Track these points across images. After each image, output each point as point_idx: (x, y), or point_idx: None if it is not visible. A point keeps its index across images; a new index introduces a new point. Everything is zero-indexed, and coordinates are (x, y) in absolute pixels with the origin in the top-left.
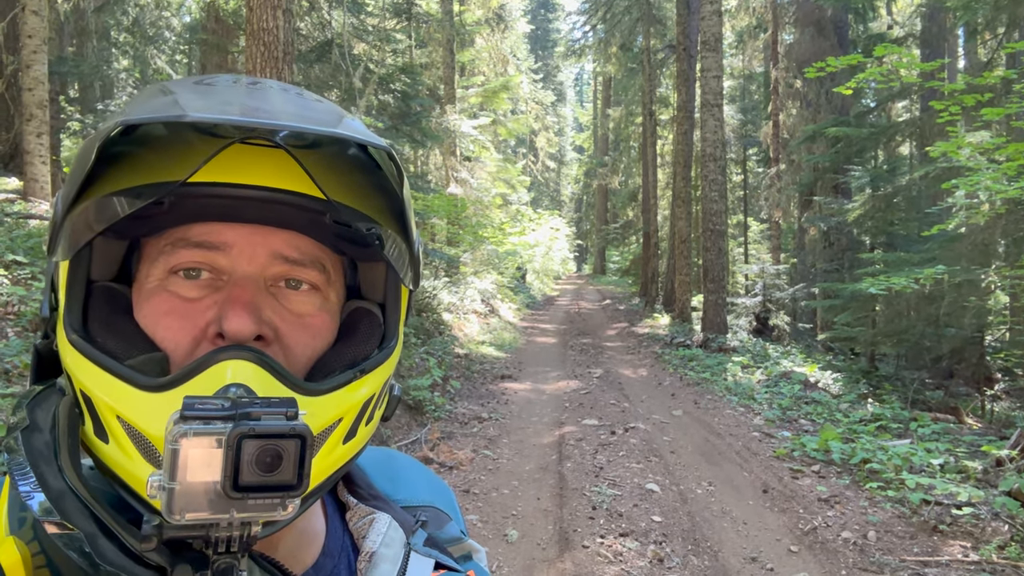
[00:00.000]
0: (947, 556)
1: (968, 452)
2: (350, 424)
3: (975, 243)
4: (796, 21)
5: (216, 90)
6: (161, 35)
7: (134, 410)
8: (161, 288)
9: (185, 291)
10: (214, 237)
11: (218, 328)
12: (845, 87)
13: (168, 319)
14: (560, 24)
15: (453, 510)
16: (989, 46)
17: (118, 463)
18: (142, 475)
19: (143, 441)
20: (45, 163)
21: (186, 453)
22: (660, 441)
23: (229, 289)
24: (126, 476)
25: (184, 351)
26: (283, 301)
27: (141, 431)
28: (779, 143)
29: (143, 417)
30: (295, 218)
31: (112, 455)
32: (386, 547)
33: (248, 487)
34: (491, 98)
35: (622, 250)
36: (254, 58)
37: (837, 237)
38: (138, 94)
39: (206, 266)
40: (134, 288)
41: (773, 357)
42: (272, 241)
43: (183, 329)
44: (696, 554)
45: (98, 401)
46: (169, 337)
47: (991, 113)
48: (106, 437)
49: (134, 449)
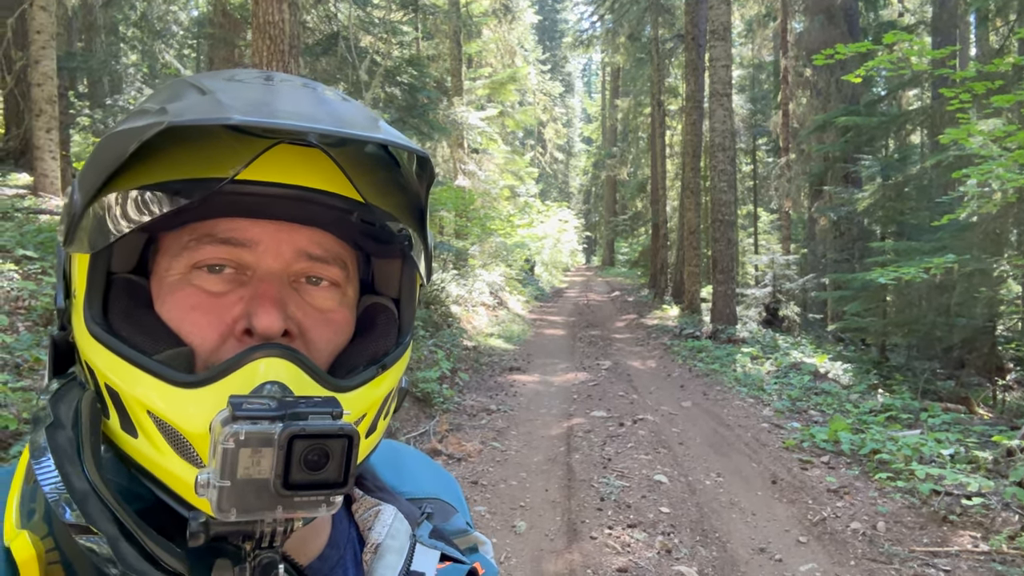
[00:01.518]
0: (957, 547)
1: (978, 442)
2: (372, 419)
3: (987, 232)
4: (806, 9)
5: (250, 88)
6: (169, 29)
7: (169, 407)
8: (185, 282)
9: (210, 286)
10: (241, 234)
11: (246, 324)
12: (854, 75)
13: (195, 314)
14: (568, 14)
15: (459, 502)
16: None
17: (149, 458)
18: (175, 470)
19: (177, 437)
20: (55, 158)
21: (237, 452)
22: (669, 432)
23: (255, 285)
24: (157, 471)
25: (211, 346)
26: (306, 297)
27: (176, 427)
28: (789, 132)
29: (179, 414)
30: (322, 216)
31: (142, 450)
32: (392, 539)
33: (296, 485)
34: (498, 89)
35: (631, 241)
36: (260, 52)
37: (848, 227)
38: (167, 88)
39: (232, 262)
40: (153, 281)
41: (783, 348)
42: (297, 238)
43: (210, 324)
44: (704, 545)
45: (126, 396)
46: (196, 332)
47: (1001, 100)
48: (135, 432)
49: (166, 444)
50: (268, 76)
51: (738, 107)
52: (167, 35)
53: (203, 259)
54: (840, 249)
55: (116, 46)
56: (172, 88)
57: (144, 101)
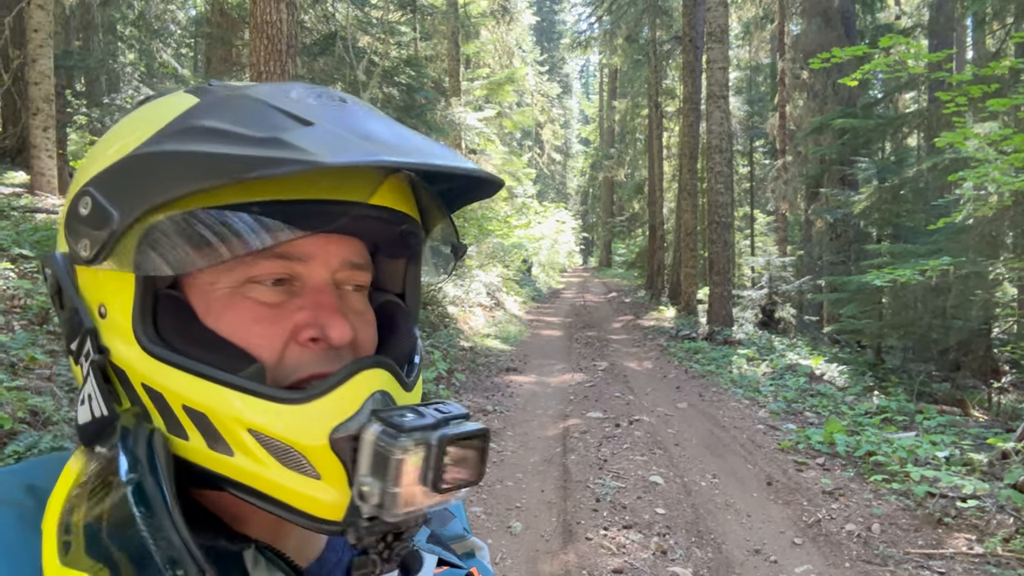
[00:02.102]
0: (952, 549)
1: (974, 445)
2: None
3: (982, 235)
4: (803, 12)
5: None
6: (166, 28)
7: (276, 423)
8: (240, 296)
9: (267, 297)
10: (297, 249)
11: (314, 333)
12: (851, 78)
13: (260, 327)
14: (566, 16)
15: (456, 508)
16: (997, 36)
17: (251, 473)
18: (286, 482)
19: (286, 451)
20: (52, 157)
21: (406, 461)
22: (665, 433)
23: (312, 296)
24: (262, 484)
25: (276, 357)
26: (347, 302)
27: (288, 442)
28: (786, 135)
29: (291, 429)
30: (369, 229)
31: (242, 466)
32: None
33: (447, 485)
34: (496, 90)
35: (628, 243)
36: (258, 51)
37: (844, 229)
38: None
39: (286, 276)
40: (193, 293)
41: (779, 350)
42: (344, 250)
43: (274, 336)
44: (700, 546)
45: (219, 416)
46: (263, 345)
47: (997, 104)
48: (230, 450)
49: (271, 459)
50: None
51: (735, 109)
52: (165, 34)
53: (260, 274)
54: (836, 251)
55: (114, 45)
56: (257, 112)
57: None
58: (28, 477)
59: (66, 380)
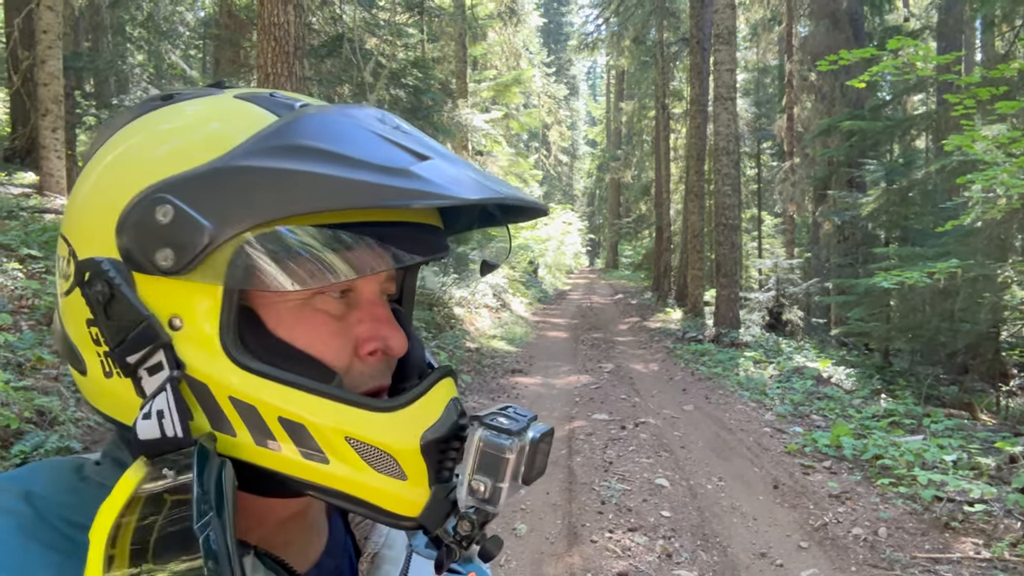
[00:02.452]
0: (959, 553)
1: (981, 448)
2: None
3: (991, 237)
4: (811, 14)
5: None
6: (175, 30)
7: (371, 431)
8: (311, 308)
9: (333, 309)
10: (362, 264)
11: (377, 346)
12: (859, 80)
13: (333, 339)
14: (573, 17)
15: None
16: (1007, 38)
17: (347, 479)
18: (379, 485)
19: (379, 456)
20: (60, 158)
21: (511, 459)
22: (670, 436)
23: (368, 308)
24: (357, 489)
25: (345, 368)
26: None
27: (383, 447)
28: (793, 136)
29: (385, 435)
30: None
31: (339, 474)
32: (388, 548)
33: (533, 476)
34: (503, 92)
35: (635, 244)
36: (265, 53)
37: (852, 231)
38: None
39: (349, 289)
40: (261, 304)
41: (786, 352)
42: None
43: (343, 348)
44: (705, 549)
45: (317, 426)
46: (337, 356)
47: (1005, 107)
48: (326, 459)
49: (366, 464)
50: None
51: (742, 111)
52: (173, 35)
53: (327, 287)
54: (844, 253)
55: (122, 46)
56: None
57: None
58: (27, 484)
59: (72, 381)
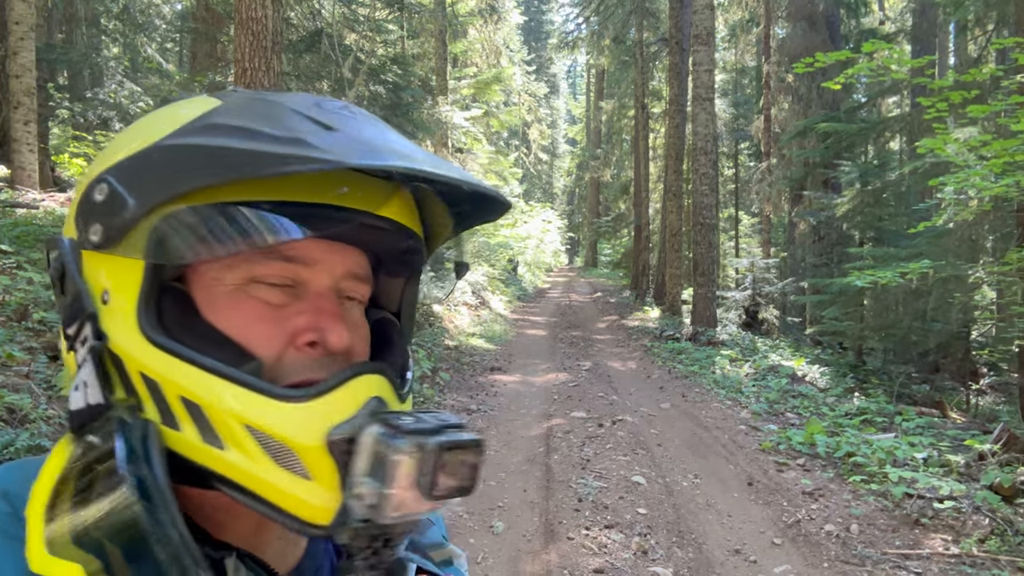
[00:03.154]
0: (928, 549)
1: (951, 446)
2: None
3: (962, 239)
4: (788, 16)
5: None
6: (151, 23)
7: (272, 419)
8: (245, 294)
9: (270, 298)
10: (305, 253)
11: (312, 337)
12: (834, 82)
13: (260, 325)
14: (553, 16)
15: (435, 515)
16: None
17: (242, 470)
18: (277, 481)
19: (279, 449)
20: (32, 151)
21: (402, 464)
22: (647, 434)
23: (314, 301)
24: (252, 482)
25: (275, 357)
26: (345, 312)
27: (283, 440)
28: (770, 137)
29: (285, 427)
30: (375, 241)
31: (233, 462)
32: None
33: (442, 492)
34: (484, 89)
35: (614, 243)
36: (243, 47)
37: (827, 231)
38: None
39: (290, 279)
40: (197, 288)
41: (761, 351)
42: (347, 260)
43: (274, 336)
44: (680, 546)
45: (213, 409)
46: (263, 344)
47: (976, 111)
48: (220, 444)
49: (265, 456)
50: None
51: (721, 111)
52: (149, 28)
53: (265, 275)
54: (819, 253)
55: (97, 38)
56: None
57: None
58: (2, 484)
59: (44, 377)
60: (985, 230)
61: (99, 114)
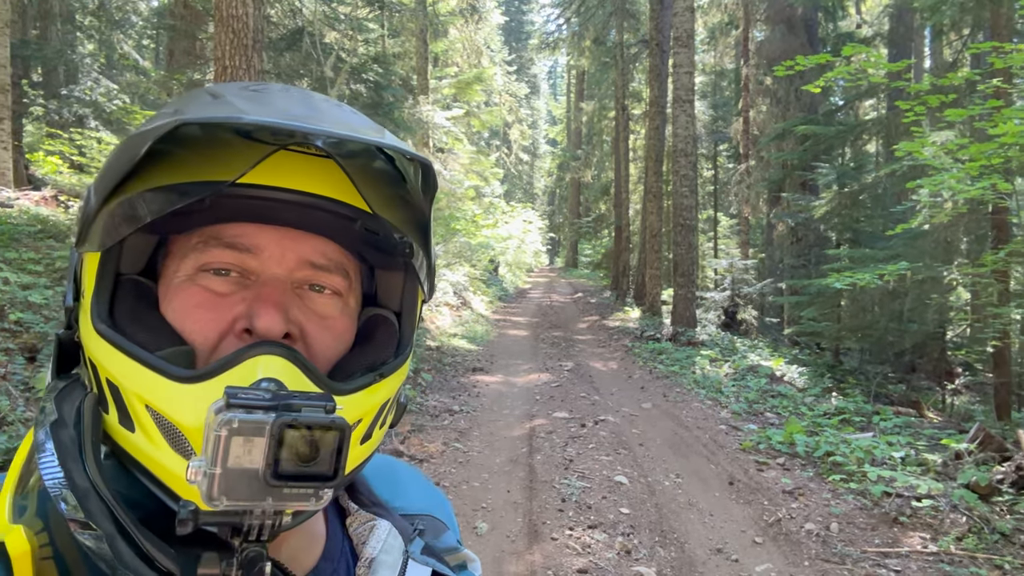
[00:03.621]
0: (907, 547)
1: (928, 445)
2: (367, 426)
3: (938, 241)
4: (767, 19)
5: (265, 97)
6: (128, 19)
7: (165, 400)
8: (190, 282)
9: (215, 286)
10: (247, 240)
11: (246, 324)
12: (813, 85)
13: (197, 311)
14: (534, 16)
15: (450, 520)
16: (954, 47)
17: (144, 452)
18: (169, 464)
19: (172, 431)
20: (7, 149)
21: (230, 440)
22: (629, 434)
23: (258, 288)
24: (151, 464)
25: (211, 344)
26: (308, 303)
27: (172, 421)
28: (749, 139)
29: (175, 407)
30: (327, 224)
31: (138, 444)
32: (385, 554)
33: (287, 476)
34: (465, 89)
35: (594, 243)
36: (223, 45)
37: (804, 233)
38: (184, 96)
39: (236, 267)
40: (161, 283)
41: (741, 351)
42: (302, 247)
43: (211, 322)
44: (663, 545)
45: (126, 391)
46: (197, 329)
47: (953, 114)
48: (132, 426)
49: (162, 438)
50: (285, 88)
51: (700, 113)
52: (126, 25)
53: (209, 262)
54: (797, 255)
55: (72, 35)
56: (187, 95)
57: (161, 108)
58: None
59: (22, 379)
60: (960, 232)
61: (74, 112)
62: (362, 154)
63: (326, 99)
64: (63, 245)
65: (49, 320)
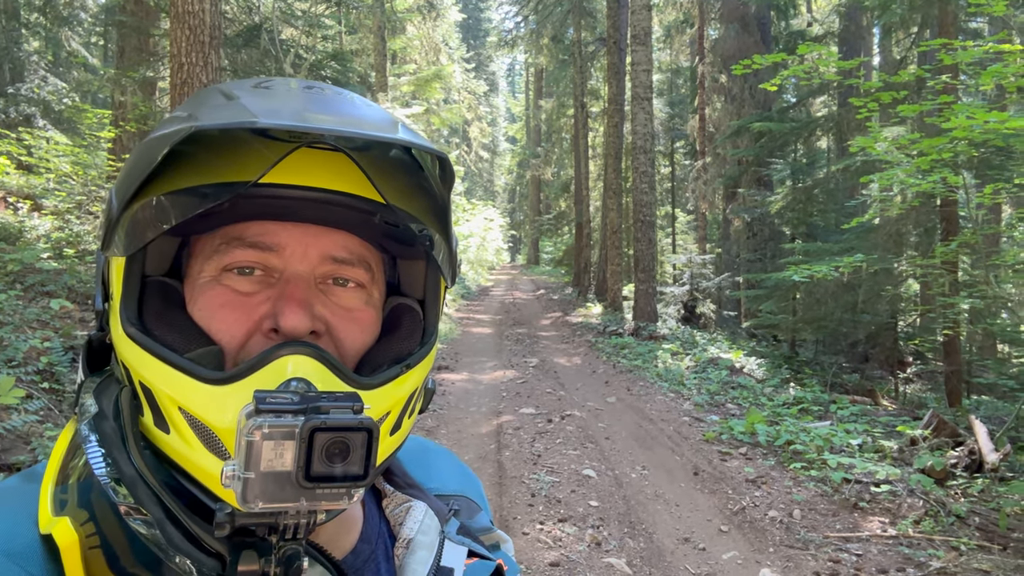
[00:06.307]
0: (867, 532)
1: (884, 432)
2: (396, 417)
3: (889, 234)
4: (721, 17)
5: (276, 94)
6: (76, 16)
7: (198, 403)
8: (215, 283)
9: (240, 286)
10: (268, 238)
11: (272, 323)
12: (771, 84)
13: (223, 312)
14: (492, 14)
15: (482, 500)
16: (903, 44)
17: (180, 453)
18: (205, 465)
19: (206, 432)
20: None
21: (261, 445)
22: (595, 428)
23: (282, 286)
24: (189, 466)
25: (238, 344)
26: (332, 297)
27: (205, 423)
28: (705, 136)
29: (207, 410)
30: (347, 218)
31: (174, 445)
32: (423, 534)
33: (318, 477)
34: (424, 87)
35: (555, 240)
36: (179, 42)
37: (760, 228)
38: (196, 97)
39: (259, 265)
40: (186, 283)
41: (701, 344)
42: (323, 242)
43: (237, 322)
44: (632, 537)
45: (159, 393)
46: (224, 329)
47: (907, 110)
48: (167, 428)
49: (196, 440)
50: (303, 85)
51: (657, 111)
52: (73, 22)
53: (232, 262)
54: (753, 249)
55: (17, 32)
56: (200, 96)
57: (174, 110)
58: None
59: None
60: (910, 225)
61: (21, 111)
62: (377, 146)
63: (338, 92)
64: (14, 248)
65: (2, 325)
